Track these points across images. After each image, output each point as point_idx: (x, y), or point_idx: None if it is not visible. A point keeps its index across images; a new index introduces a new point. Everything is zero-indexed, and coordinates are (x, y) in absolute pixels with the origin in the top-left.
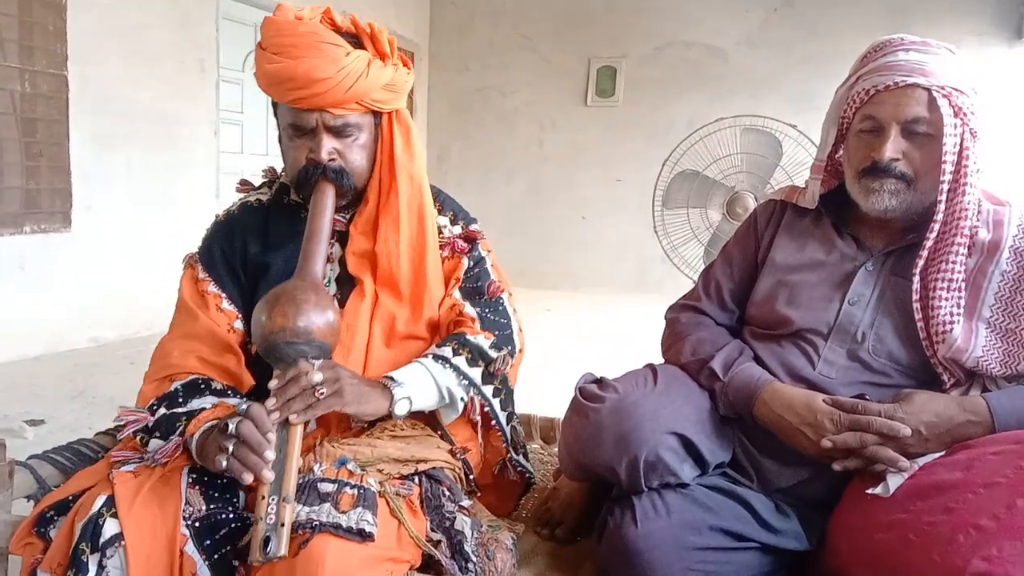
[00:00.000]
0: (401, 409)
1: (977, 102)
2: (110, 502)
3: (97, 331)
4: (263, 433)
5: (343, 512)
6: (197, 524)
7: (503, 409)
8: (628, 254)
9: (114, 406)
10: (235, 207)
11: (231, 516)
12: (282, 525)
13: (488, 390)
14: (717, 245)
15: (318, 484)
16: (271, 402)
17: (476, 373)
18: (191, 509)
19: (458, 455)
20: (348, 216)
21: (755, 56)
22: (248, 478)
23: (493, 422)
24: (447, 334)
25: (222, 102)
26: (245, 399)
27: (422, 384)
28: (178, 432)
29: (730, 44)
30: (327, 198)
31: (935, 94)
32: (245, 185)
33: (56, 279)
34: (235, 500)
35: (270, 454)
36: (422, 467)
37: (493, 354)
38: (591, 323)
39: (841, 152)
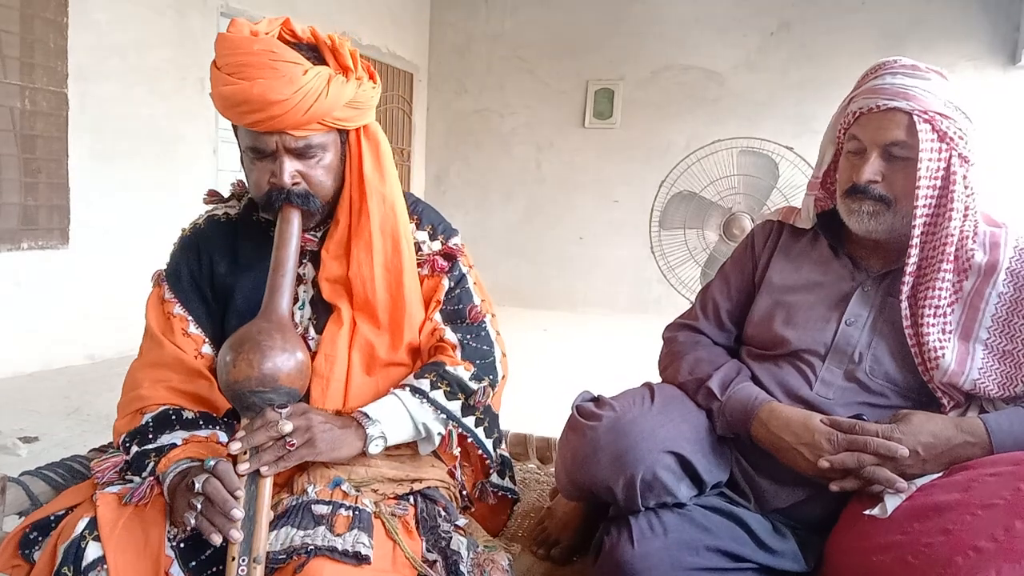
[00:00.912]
0: (375, 449)
1: (968, 127)
2: (92, 524)
3: (93, 348)
4: (231, 491)
5: (338, 535)
6: (182, 545)
7: (488, 436)
8: (625, 275)
9: (108, 423)
10: (202, 221)
11: None
12: None
13: (470, 421)
14: (714, 266)
15: (312, 506)
16: (237, 447)
17: (455, 406)
18: (175, 530)
19: (456, 473)
20: (320, 235)
21: (752, 79)
22: (217, 539)
23: (480, 451)
24: (427, 359)
25: (221, 121)
26: (219, 427)
27: (397, 420)
28: (148, 470)
29: (727, 67)
30: (292, 226)
31: (916, 118)
32: (214, 196)
33: (53, 296)
34: None
35: (237, 513)
36: (417, 486)
37: (473, 386)
38: (588, 343)
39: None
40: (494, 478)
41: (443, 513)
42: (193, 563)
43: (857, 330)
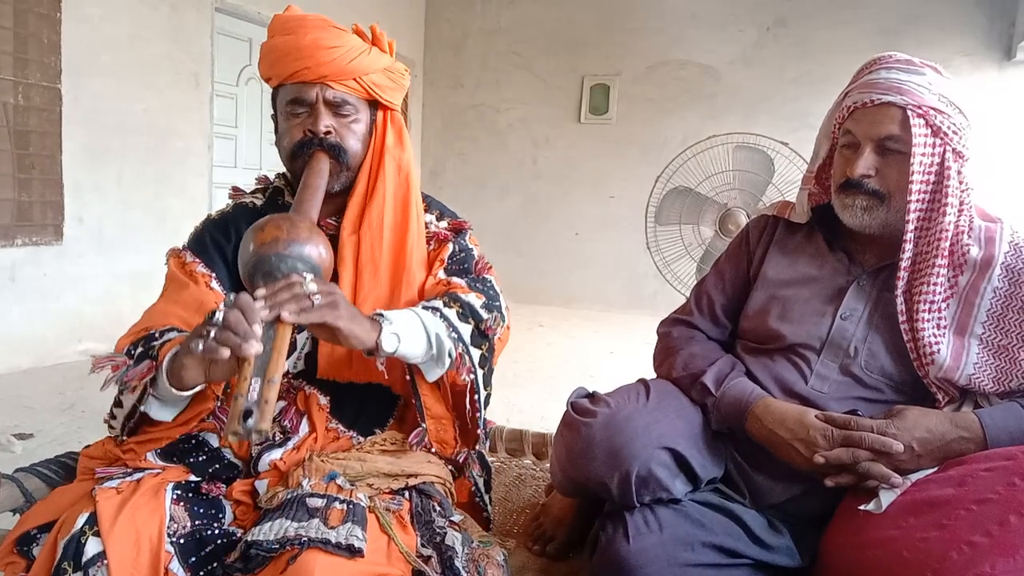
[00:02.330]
0: (389, 344)
1: (962, 122)
2: (92, 519)
3: (88, 344)
4: (250, 323)
5: (332, 527)
6: (182, 541)
7: (485, 386)
8: (621, 270)
9: (104, 419)
10: (229, 207)
11: (217, 532)
12: (266, 402)
13: (476, 355)
14: (709, 261)
15: (307, 499)
16: (261, 300)
17: (466, 330)
18: (176, 526)
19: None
20: (337, 220)
21: (748, 75)
22: (225, 353)
23: (475, 396)
24: None
25: (216, 116)
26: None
27: (411, 326)
28: (151, 356)
29: (723, 63)
30: (322, 164)
31: (909, 113)
32: (238, 192)
33: (47, 292)
34: (221, 516)
35: (256, 344)
36: (412, 482)
37: (484, 314)
38: (584, 338)
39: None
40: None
41: (438, 508)
42: (193, 559)
43: (852, 324)
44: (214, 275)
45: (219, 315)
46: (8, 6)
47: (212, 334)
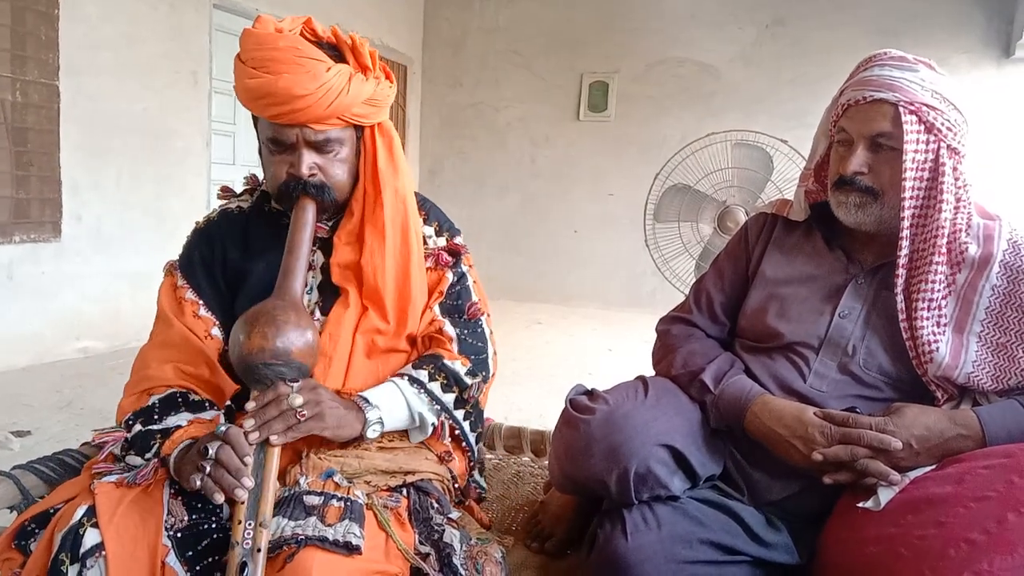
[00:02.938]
0: (372, 433)
1: (957, 118)
2: (91, 512)
3: (85, 342)
4: (241, 457)
5: (329, 525)
6: (179, 535)
7: (472, 431)
8: (620, 268)
9: (102, 417)
10: (215, 214)
11: (214, 526)
12: (258, 550)
13: (459, 414)
14: (708, 259)
15: (304, 497)
16: (249, 423)
17: (449, 399)
18: (173, 520)
19: (445, 460)
20: (331, 224)
21: (746, 73)
22: (220, 498)
23: (464, 444)
24: (425, 349)
25: (214, 113)
26: (223, 412)
27: (395, 407)
28: (153, 451)
29: (722, 61)
30: (308, 213)
31: (901, 109)
32: (227, 192)
33: (45, 289)
34: (218, 510)
35: (248, 481)
36: (410, 479)
37: (468, 381)
38: (582, 336)
39: None
40: (476, 476)
41: (436, 505)
42: (190, 552)
43: (850, 323)
44: (202, 303)
45: (212, 451)
46: (6, 3)
47: (208, 470)
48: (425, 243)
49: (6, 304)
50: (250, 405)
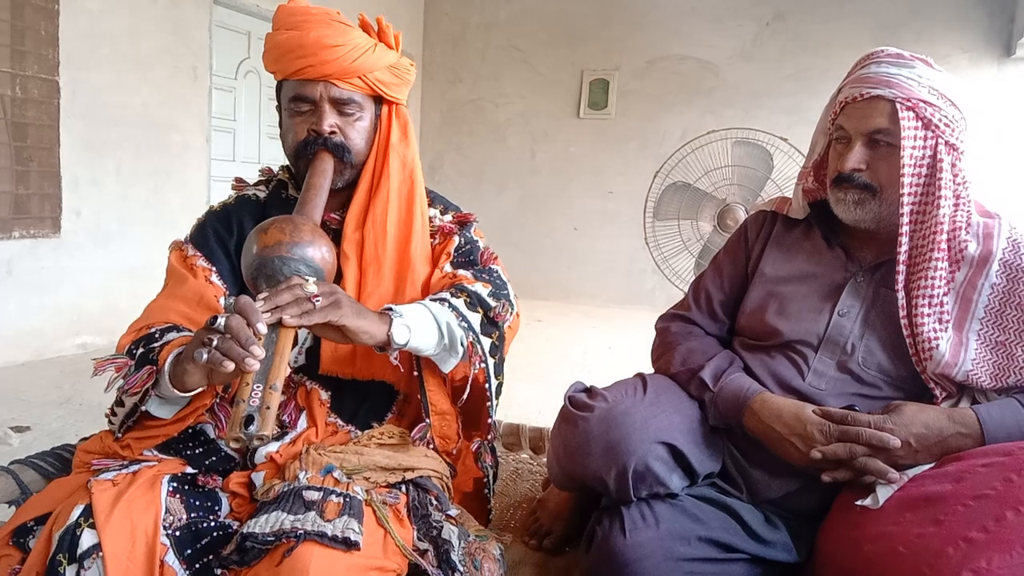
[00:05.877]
0: (400, 336)
1: (955, 115)
2: (88, 512)
3: (85, 337)
4: (252, 326)
5: (328, 520)
6: (178, 533)
7: (496, 375)
8: (619, 265)
9: (101, 413)
10: (231, 199)
11: (213, 524)
12: (268, 408)
13: (487, 344)
14: (708, 257)
15: (303, 492)
16: (261, 304)
17: (475, 319)
18: (171, 518)
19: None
20: (341, 215)
21: (747, 70)
22: (229, 366)
23: (487, 386)
24: None
25: (214, 109)
26: (207, 411)
27: (421, 318)
28: (151, 360)
29: (722, 58)
30: (326, 163)
31: (898, 106)
32: (241, 182)
33: (44, 285)
34: (217, 508)
35: (259, 351)
36: (409, 475)
37: (492, 302)
38: (582, 333)
39: None
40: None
41: (435, 502)
42: (189, 551)
43: (850, 321)
44: (215, 269)
45: (221, 321)
46: None
47: (215, 342)
48: (431, 222)
49: (5, 300)
50: (262, 295)
